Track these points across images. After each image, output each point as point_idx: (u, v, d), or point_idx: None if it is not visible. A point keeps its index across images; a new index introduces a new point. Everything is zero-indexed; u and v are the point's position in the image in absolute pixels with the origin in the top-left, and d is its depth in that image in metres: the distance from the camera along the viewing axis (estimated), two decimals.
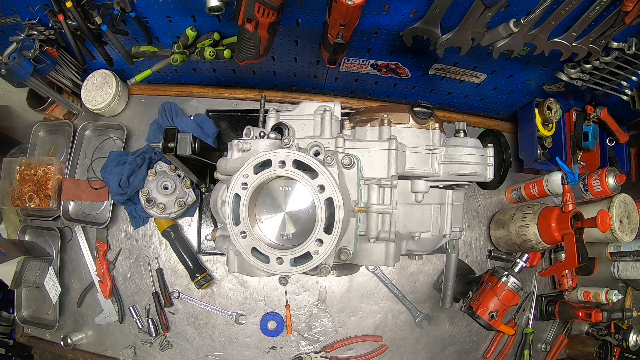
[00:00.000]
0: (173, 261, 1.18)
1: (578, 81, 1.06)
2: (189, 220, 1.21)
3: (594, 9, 0.82)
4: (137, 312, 1.16)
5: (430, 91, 1.25)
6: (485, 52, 0.99)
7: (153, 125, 1.20)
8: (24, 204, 1.15)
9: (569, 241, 0.99)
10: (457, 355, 1.23)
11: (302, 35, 1.01)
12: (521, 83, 1.16)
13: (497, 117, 1.36)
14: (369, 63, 1.11)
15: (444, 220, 0.87)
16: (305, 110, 0.84)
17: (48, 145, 1.27)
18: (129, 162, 1.11)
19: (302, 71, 1.20)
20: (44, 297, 1.18)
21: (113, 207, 1.17)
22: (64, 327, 1.17)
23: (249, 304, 1.18)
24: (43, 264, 1.13)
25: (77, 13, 0.89)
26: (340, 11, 0.74)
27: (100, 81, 1.17)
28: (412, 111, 0.80)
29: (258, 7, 0.76)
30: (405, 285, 1.22)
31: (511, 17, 0.85)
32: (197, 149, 0.90)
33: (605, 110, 1.22)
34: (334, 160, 0.64)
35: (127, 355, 1.15)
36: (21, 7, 0.95)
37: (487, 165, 0.82)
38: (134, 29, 1.00)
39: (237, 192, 0.62)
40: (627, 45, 0.93)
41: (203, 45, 1.02)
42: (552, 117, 1.16)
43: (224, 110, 1.25)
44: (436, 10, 0.83)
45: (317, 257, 0.60)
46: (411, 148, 0.78)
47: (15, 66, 0.95)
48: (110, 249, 1.19)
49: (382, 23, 0.93)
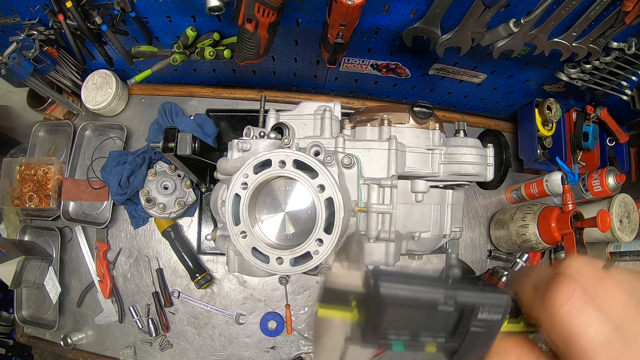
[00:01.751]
0: (173, 261, 1.18)
1: (578, 81, 1.06)
2: (189, 220, 1.21)
3: (594, 9, 0.82)
4: (137, 312, 1.16)
5: (430, 91, 1.25)
6: (485, 52, 0.99)
7: (153, 125, 1.20)
8: (24, 204, 1.15)
9: (569, 241, 0.99)
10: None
11: (302, 35, 1.01)
12: (521, 83, 1.16)
13: (497, 117, 1.36)
14: (369, 63, 1.11)
15: (444, 220, 0.87)
16: (305, 110, 0.84)
17: (48, 145, 1.27)
18: (129, 162, 1.11)
19: (302, 71, 1.20)
20: (44, 297, 1.18)
21: (113, 207, 1.17)
22: (64, 327, 1.17)
23: (249, 304, 1.18)
24: (43, 264, 1.13)
25: (77, 13, 0.89)
26: (340, 11, 0.74)
27: (100, 81, 1.17)
28: (412, 111, 0.80)
29: (258, 7, 0.76)
30: None
31: (511, 17, 0.85)
32: (197, 149, 0.90)
33: (605, 110, 1.22)
34: (334, 160, 0.64)
35: (127, 355, 1.15)
36: (21, 7, 0.95)
37: (487, 165, 0.81)
38: (134, 29, 1.00)
39: (237, 192, 0.62)
40: (627, 45, 0.93)
41: (203, 45, 1.02)
42: (552, 117, 1.16)
43: (224, 110, 1.25)
44: (436, 10, 0.83)
45: (317, 257, 0.60)
46: (411, 148, 0.78)
47: (15, 66, 0.95)
48: (110, 249, 1.19)
49: (382, 23, 0.93)
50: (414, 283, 0.24)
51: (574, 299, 0.24)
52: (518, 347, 0.27)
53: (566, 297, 0.24)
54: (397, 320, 0.23)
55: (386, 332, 0.24)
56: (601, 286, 0.25)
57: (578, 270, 0.25)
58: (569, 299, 0.24)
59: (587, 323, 0.23)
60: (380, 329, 0.23)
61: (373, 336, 0.24)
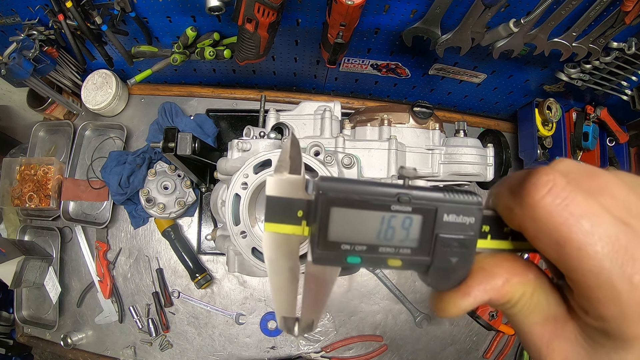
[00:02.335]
0: (173, 261, 1.18)
1: (578, 81, 1.06)
2: (189, 220, 1.21)
3: (594, 9, 0.82)
4: (137, 312, 1.16)
5: (430, 91, 1.25)
6: (485, 52, 0.99)
7: (153, 125, 1.20)
8: (24, 204, 1.15)
9: None
10: (457, 355, 1.23)
11: (302, 35, 1.01)
12: (521, 83, 1.16)
13: (497, 117, 1.36)
14: (369, 63, 1.11)
15: None
16: (305, 110, 0.84)
17: (48, 145, 1.27)
18: (129, 162, 1.11)
19: (302, 71, 1.20)
20: (44, 297, 1.18)
21: (113, 207, 1.17)
22: (64, 327, 1.17)
23: (249, 304, 1.18)
24: (43, 264, 1.13)
25: (77, 13, 0.89)
26: (340, 11, 0.74)
27: (100, 81, 1.17)
28: (412, 111, 0.80)
29: (258, 7, 0.76)
30: (405, 285, 1.22)
31: (511, 17, 0.85)
32: (197, 149, 0.90)
33: (605, 110, 1.22)
34: (334, 160, 0.64)
35: (127, 355, 1.15)
36: (21, 7, 0.95)
37: (487, 165, 0.82)
38: (134, 29, 1.00)
39: (237, 192, 0.62)
40: (627, 45, 0.93)
41: (203, 45, 1.02)
42: (552, 117, 1.16)
43: (224, 110, 1.25)
44: (436, 10, 0.83)
45: None
46: (411, 148, 0.78)
47: (15, 66, 0.95)
48: (110, 249, 1.19)
49: (382, 23, 0.93)
50: (361, 183, 0.21)
51: (557, 187, 0.19)
52: (509, 262, 0.22)
53: (546, 186, 0.19)
54: (347, 228, 0.21)
55: (338, 243, 0.21)
56: (595, 181, 0.20)
57: (564, 168, 0.20)
58: (550, 187, 0.19)
59: (579, 214, 0.18)
60: (330, 240, 0.21)
61: (324, 249, 0.21)
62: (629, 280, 0.17)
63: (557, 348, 0.21)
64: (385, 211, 0.21)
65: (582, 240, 0.18)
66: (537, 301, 0.22)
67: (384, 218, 0.21)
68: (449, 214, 0.21)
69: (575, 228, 0.18)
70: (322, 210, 0.20)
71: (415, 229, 0.21)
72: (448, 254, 0.21)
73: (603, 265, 0.17)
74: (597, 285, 0.18)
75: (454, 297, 0.22)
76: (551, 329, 0.21)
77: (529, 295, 0.22)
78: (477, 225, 0.21)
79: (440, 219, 0.21)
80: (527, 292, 0.22)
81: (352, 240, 0.21)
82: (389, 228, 0.21)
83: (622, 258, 0.17)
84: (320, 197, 0.20)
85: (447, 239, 0.21)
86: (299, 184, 0.21)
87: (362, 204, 0.20)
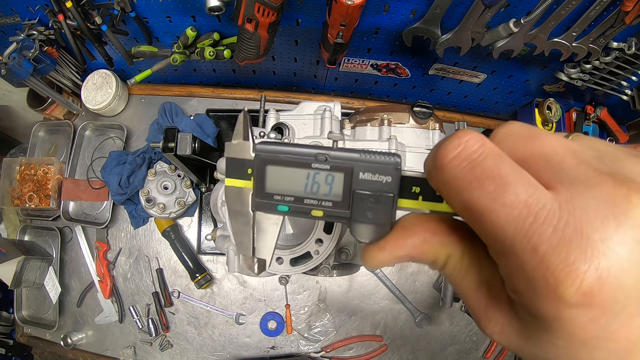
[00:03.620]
0: (173, 261, 1.18)
1: (578, 81, 1.06)
2: (189, 220, 1.21)
3: (594, 9, 0.82)
4: (137, 312, 1.16)
5: (430, 91, 1.25)
6: (485, 52, 0.99)
7: (153, 125, 1.20)
8: (24, 204, 1.15)
9: None
10: (457, 355, 1.23)
11: (302, 35, 1.01)
12: (521, 83, 1.16)
13: (497, 117, 1.36)
14: (369, 63, 1.11)
15: None
16: (305, 110, 0.84)
17: (48, 145, 1.27)
18: (129, 162, 1.11)
19: (302, 71, 1.20)
20: (44, 297, 1.18)
21: (113, 207, 1.17)
22: (64, 327, 1.17)
23: (249, 304, 1.18)
24: (43, 264, 1.13)
25: (77, 13, 0.90)
26: (340, 11, 0.74)
27: (100, 81, 1.17)
28: (412, 111, 0.80)
29: (258, 7, 0.76)
30: (405, 285, 1.22)
31: (511, 17, 0.85)
32: (197, 149, 0.90)
33: (605, 110, 1.22)
34: None
35: (127, 355, 1.15)
36: (21, 7, 0.95)
37: None
38: (134, 29, 1.00)
39: None
40: (627, 45, 0.93)
41: (203, 45, 1.02)
42: (552, 117, 1.16)
43: (224, 110, 1.25)
44: (436, 10, 0.83)
45: (317, 257, 0.60)
46: (411, 148, 0.78)
47: (15, 66, 0.95)
48: (110, 249, 1.19)
49: (382, 23, 0.93)
50: (291, 146, 0.25)
51: (466, 150, 0.17)
52: (432, 223, 0.21)
53: (455, 149, 0.18)
54: (280, 182, 0.25)
55: (271, 194, 0.25)
56: (533, 143, 0.18)
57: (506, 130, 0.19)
58: (460, 150, 0.17)
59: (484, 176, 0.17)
60: (266, 192, 0.25)
61: (261, 199, 0.25)
62: (533, 249, 0.15)
63: (494, 318, 0.19)
64: (308, 168, 0.24)
65: (483, 205, 0.17)
66: (467, 265, 0.21)
67: (309, 174, 0.24)
68: (364, 172, 0.23)
69: (477, 192, 0.17)
70: (258, 167, 0.25)
71: (337, 185, 0.24)
72: (365, 208, 0.24)
73: (506, 232, 0.16)
74: (502, 254, 0.17)
75: (372, 249, 0.23)
76: (487, 296, 0.20)
77: (457, 258, 0.21)
78: (394, 184, 0.23)
79: (356, 176, 0.23)
80: (454, 254, 0.21)
81: (283, 192, 0.25)
82: (314, 183, 0.24)
83: (530, 226, 0.15)
84: (257, 157, 0.25)
85: (362, 194, 0.23)
86: (248, 147, 0.25)
87: (289, 163, 0.24)
